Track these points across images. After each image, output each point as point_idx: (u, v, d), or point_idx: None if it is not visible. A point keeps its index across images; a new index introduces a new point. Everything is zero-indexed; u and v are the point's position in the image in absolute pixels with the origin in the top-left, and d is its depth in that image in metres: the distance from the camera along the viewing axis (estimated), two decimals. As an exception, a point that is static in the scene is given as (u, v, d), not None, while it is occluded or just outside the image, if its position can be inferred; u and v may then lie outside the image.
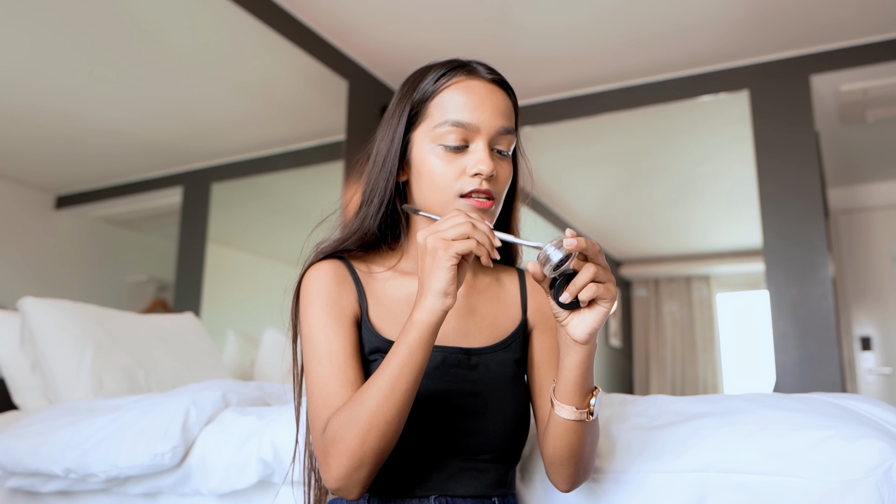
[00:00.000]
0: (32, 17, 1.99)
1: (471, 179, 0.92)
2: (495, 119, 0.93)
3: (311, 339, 0.90)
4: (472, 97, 0.93)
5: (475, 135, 0.92)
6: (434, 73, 0.95)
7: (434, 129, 0.93)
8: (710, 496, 0.92)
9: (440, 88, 0.94)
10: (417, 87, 0.96)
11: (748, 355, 5.35)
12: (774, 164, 3.18)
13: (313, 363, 0.89)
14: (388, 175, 0.96)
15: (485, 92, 0.94)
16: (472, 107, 0.92)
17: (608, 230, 5.09)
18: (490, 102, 0.93)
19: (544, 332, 1.01)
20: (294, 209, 3.06)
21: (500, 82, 0.97)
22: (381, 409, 0.78)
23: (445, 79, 0.94)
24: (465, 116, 0.92)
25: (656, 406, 1.11)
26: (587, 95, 3.62)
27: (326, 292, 0.92)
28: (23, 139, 2.04)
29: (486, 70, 0.96)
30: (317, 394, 0.87)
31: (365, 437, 0.78)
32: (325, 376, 0.87)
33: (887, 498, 0.82)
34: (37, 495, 1.44)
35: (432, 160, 0.93)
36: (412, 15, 2.90)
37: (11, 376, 1.74)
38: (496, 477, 0.93)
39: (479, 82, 0.95)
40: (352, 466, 0.79)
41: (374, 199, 0.97)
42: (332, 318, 0.90)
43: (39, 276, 2.08)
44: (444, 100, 0.93)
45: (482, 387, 0.92)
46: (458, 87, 0.94)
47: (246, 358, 2.47)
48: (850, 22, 2.93)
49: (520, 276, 1.07)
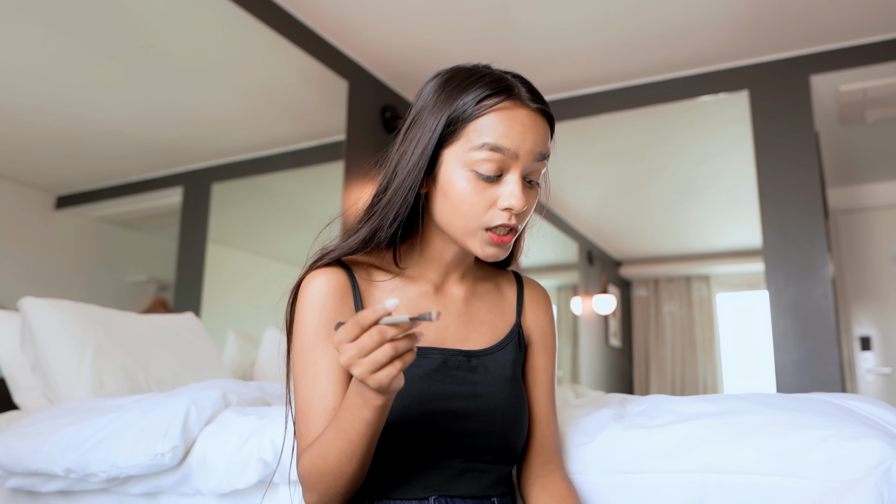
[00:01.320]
0: (33, 17, 1.99)
1: (500, 213, 0.88)
2: (535, 149, 0.89)
3: (301, 356, 0.90)
4: (514, 127, 0.87)
5: (511, 166, 0.88)
6: (477, 91, 0.88)
7: (469, 152, 0.87)
8: (710, 496, 0.92)
9: (482, 112, 0.87)
10: (457, 101, 0.89)
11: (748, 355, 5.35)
12: (774, 164, 3.18)
13: (300, 382, 0.90)
14: (410, 188, 0.90)
15: (528, 122, 0.88)
16: (513, 137, 0.87)
17: (608, 230, 5.10)
18: (532, 133, 0.88)
19: (539, 350, 1.03)
20: (294, 209, 3.06)
21: (544, 112, 0.91)
22: (341, 467, 0.82)
23: (489, 101, 0.88)
24: (505, 146, 0.87)
25: (656, 406, 1.11)
26: (587, 95, 3.62)
27: (321, 307, 0.90)
28: (23, 139, 2.04)
29: (531, 96, 0.90)
30: (301, 413, 0.90)
31: (328, 486, 0.83)
32: (308, 403, 0.89)
33: (887, 498, 0.82)
34: (37, 495, 1.44)
35: (462, 185, 0.88)
36: (412, 15, 2.90)
37: (12, 376, 1.74)
38: (496, 477, 0.93)
39: (524, 111, 0.88)
40: (322, 500, 0.86)
41: (391, 212, 0.91)
42: (322, 339, 0.89)
43: (39, 276, 2.08)
44: (485, 125, 0.87)
45: (482, 388, 0.93)
46: (502, 114, 0.87)
47: (246, 358, 2.47)
48: (849, 22, 2.93)
49: (517, 281, 1.07)
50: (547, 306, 1.06)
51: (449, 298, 0.99)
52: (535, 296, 1.05)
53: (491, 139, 0.87)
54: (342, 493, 0.84)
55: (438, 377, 0.91)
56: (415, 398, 0.88)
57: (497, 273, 1.07)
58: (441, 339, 0.95)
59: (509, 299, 1.04)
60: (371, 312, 0.70)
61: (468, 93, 0.89)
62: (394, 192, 0.91)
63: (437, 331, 0.95)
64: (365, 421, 0.77)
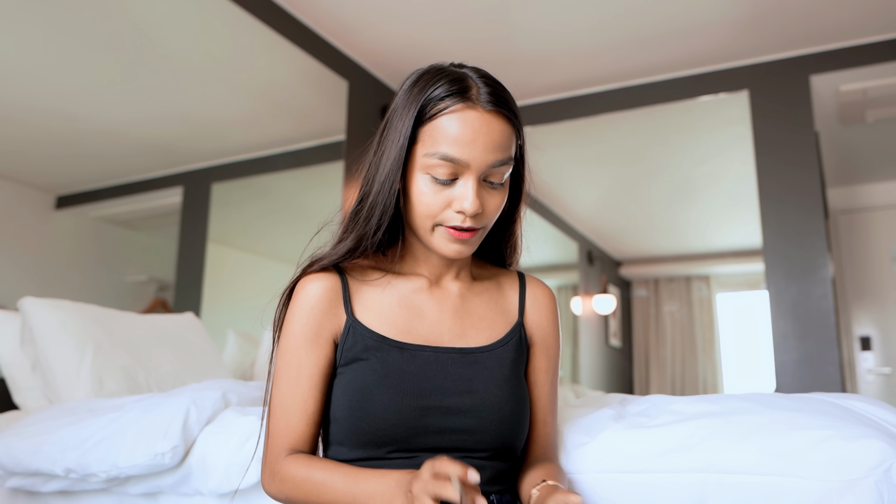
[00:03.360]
0: (33, 17, 1.99)
1: (454, 214, 0.90)
2: (487, 154, 0.88)
3: (286, 354, 0.94)
4: (464, 131, 0.87)
5: (465, 170, 0.88)
6: (437, 91, 0.89)
7: (424, 157, 0.89)
8: (710, 496, 0.92)
9: (437, 114, 0.89)
10: (419, 102, 0.90)
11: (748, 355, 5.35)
12: (774, 164, 3.18)
13: (282, 379, 0.93)
14: (388, 193, 0.91)
15: (479, 125, 0.88)
16: (463, 142, 0.87)
17: (608, 230, 5.10)
18: (484, 137, 0.88)
19: (541, 352, 1.03)
20: (294, 209, 3.06)
21: (500, 111, 0.90)
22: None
23: (443, 104, 0.88)
24: (454, 152, 0.87)
25: (656, 406, 1.11)
26: (587, 95, 3.62)
27: (309, 310, 0.93)
28: (23, 139, 2.04)
29: (488, 97, 0.89)
30: (276, 414, 0.93)
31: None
32: (287, 402, 0.92)
33: (887, 498, 0.82)
34: (37, 495, 1.44)
35: (420, 186, 0.90)
36: (412, 15, 2.90)
37: (12, 376, 1.74)
38: (493, 473, 0.93)
39: (476, 113, 0.88)
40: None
41: (373, 220, 0.92)
42: (308, 340, 0.93)
43: (39, 276, 2.08)
44: (437, 129, 0.88)
45: (478, 384, 0.93)
46: (454, 117, 0.88)
47: (246, 358, 2.47)
48: (850, 22, 2.93)
49: (520, 281, 1.07)
50: (550, 307, 1.06)
51: (444, 294, 1.00)
52: (537, 295, 1.05)
53: (442, 147, 0.88)
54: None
55: (432, 372, 0.92)
56: (408, 393, 0.89)
57: (500, 273, 1.07)
58: (437, 333, 0.96)
59: (510, 298, 1.04)
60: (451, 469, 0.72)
61: (429, 94, 0.90)
62: (374, 200, 0.93)
63: (432, 326, 0.96)
64: None
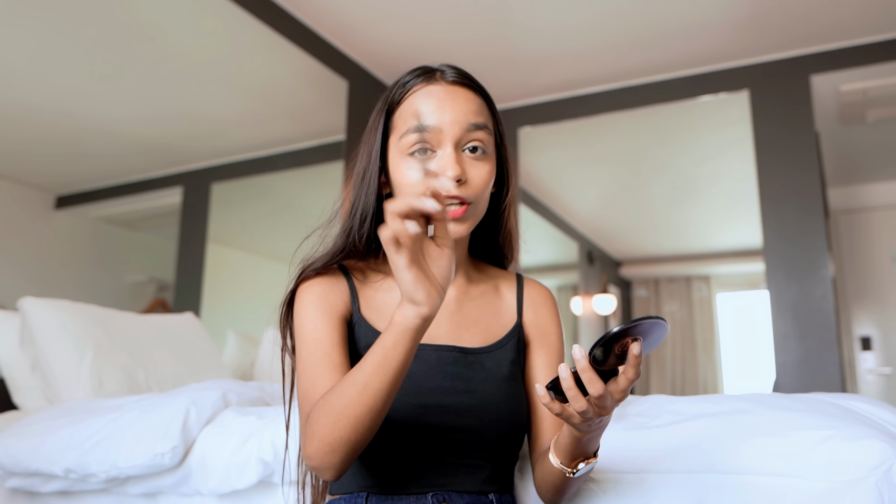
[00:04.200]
0: (33, 17, 1.99)
1: (442, 183, 0.89)
2: (459, 118, 0.90)
3: (301, 330, 0.92)
4: (431, 101, 0.91)
5: (439, 138, 0.90)
6: (400, 81, 0.94)
7: (400, 140, 0.91)
8: (710, 496, 0.92)
9: (402, 98, 0.93)
10: (389, 96, 0.95)
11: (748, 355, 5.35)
12: (774, 164, 3.18)
13: (302, 351, 0.90)
14: (368, 190, 0.94)
15: (444, 94, 0.91)
16: (430, 111, 0.90)
17: (608, 230, 5.10)
18: (451, 103, 0.91)
19: (540, 348, 1.02)
20: (294, 209, 3.06)
21: (465, 83, 0.94)
22: (352, 404, 0.77)
23: (407, 88, 0.93)
24: (424, 121, 0.90)
25: (656, 406, 1.11)
26: (587, 95, 3.62)
27: (319, 289, 0.93)
28: (23, 139, 2.04)
29: (451, 72, 0.94)
30: (304, 377, 0.88)
31: (335, 426, 0.78)
32: (312, 362, 0.88)
33: (887, 498, 0.82)
34: (37, 495, 1.43)
35: (404, 171, 0.91)
36: (412, 15, 2.90)
37: (11, 376, 1.74)
38: (491, 474, 0.93)
39: (439, 86, 0.92)
40: (322, 451, 0.79)
41: (358, 215, 0.95)
42: (320, 310, 0.92)
43: (39, 276, 2.08)
44: (405, 109, 0.92)
45: (477, 385, 0.93)
46: (419, 94, 0.92)
47: (246, 358, 2.47)
48: (850, 22, 2.93)
49: (518, 282, 1.07)
50: (548, 305, 1.05)
51: None
52: (535, 295, 1.05)
53: (412, 119, 0.90)
54: (346, 440, 0.78)
55: (432, 372, 0.92)
56: (407, 392, 0.89)
57: (497, 275, 1.07)
58: (434, 336, 0.96)
59: (508, 300, 1.04)
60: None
61: (396, 86, 0.95)
62: (357, 197, 0.95)
63: (428, 330, 0.95)
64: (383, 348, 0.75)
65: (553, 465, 0.85)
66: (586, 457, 0.83)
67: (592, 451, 0.84)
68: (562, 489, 0.88)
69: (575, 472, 0.83)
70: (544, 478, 0.90)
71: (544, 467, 0.89)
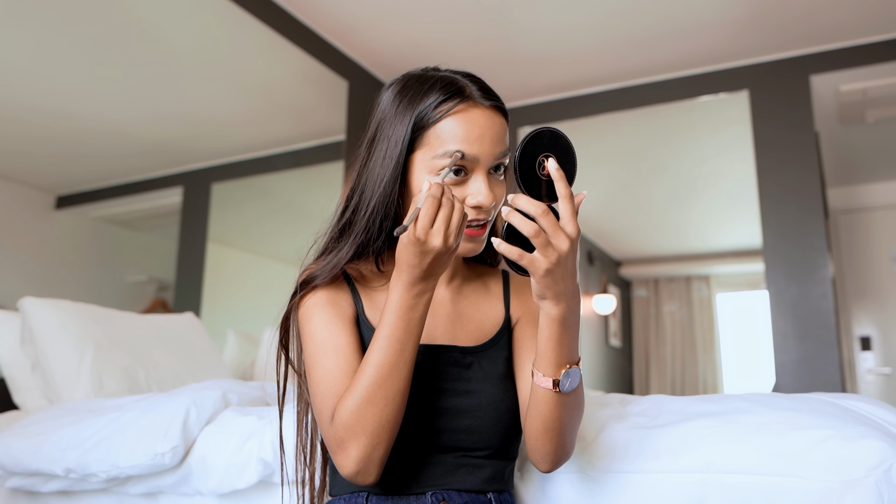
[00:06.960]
0: (33, 17, 1.99)
1: (469, 210, 0.91)
2: (494, 147, 0.91)
3: (316, 337, 0.91)
4: (472, 129, 0.90)
5: (475, 166, 0.91)
6: (432, 96, 0.91)
7: (433, 160, 0.90)
8: (710, 496, 0.92)
9: (439, 117, 0.90)
10: (417, 106, 0.92)
11: (748, 355, 5.35)
12: (774, 164, 3.18)
13: (319, 357, 0.89)
14: (387, 199, 0.92)
15: (484, 121, 0.91)
16: (472, 139, 0.90)
17: (608, 230, 5.10)
18: (490, 133, 0.91)
19: (526, 323, 1.01)
20: (294, 209, 3.06)
21: (497, 106, 0.94)
22: (384, 383, 0.82)
23: (445, 107, 0.90)
24: (466, 148, 0.89)
25: (656, 406, 1.11)
26: (587, 95, 3.62)
27: (327, 296, 0.93)
28: (23, 139, 2.04)
29: (483, 94, 0.93)
30: (323, 386, 0.87)
31: (382, 412, 0.82)
32: (332, 369, 0.88)
33: (887, 498, 0.82)
34: (37, 495, 1.44)
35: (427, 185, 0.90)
36: (412, 15, 2.90)
37: (12, 376, 1.74)
38: (491, 473, 0.93)
39: (479, 111, 0.91)
40: (371, 445, 0.82)
41: (374, 227, 0.93)
42: (335, 316, 0.92)
43: (39, 276, 2.08)
44: (443, 130, 0.90)
45: (476, 384, 0.93)
46: (458, 117, 0.90)
47: (246, 358, 2.47)
48: (850, 22, 2.93)
49: (504, 277, 1.08)
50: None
51: (435, 300, 1.00)
52: (519, 281, 1.06)
53: (453, 146, 0.90)
54: (390, 421, 0.83)
55: (431, 373, 0.92)
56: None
57: (485, 272, 1.08)
58: (432, 337, 0.96)
59: (496, 293, 1.05)
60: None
61: (425, 99, 0.92)
62: (374, 207, 0.93)
63: (425, 331, 0.96)
64: (418, 315, 0.84)
65: (542, 391, 0.84)
66: (566, 363, 0.83)
67: (575, 359, 0.84)
68: (553, 422, 0.86)
69: (559, 382, 0.82)
70: (533, 417, 0.88)
71: (534, 405, 0.87)
